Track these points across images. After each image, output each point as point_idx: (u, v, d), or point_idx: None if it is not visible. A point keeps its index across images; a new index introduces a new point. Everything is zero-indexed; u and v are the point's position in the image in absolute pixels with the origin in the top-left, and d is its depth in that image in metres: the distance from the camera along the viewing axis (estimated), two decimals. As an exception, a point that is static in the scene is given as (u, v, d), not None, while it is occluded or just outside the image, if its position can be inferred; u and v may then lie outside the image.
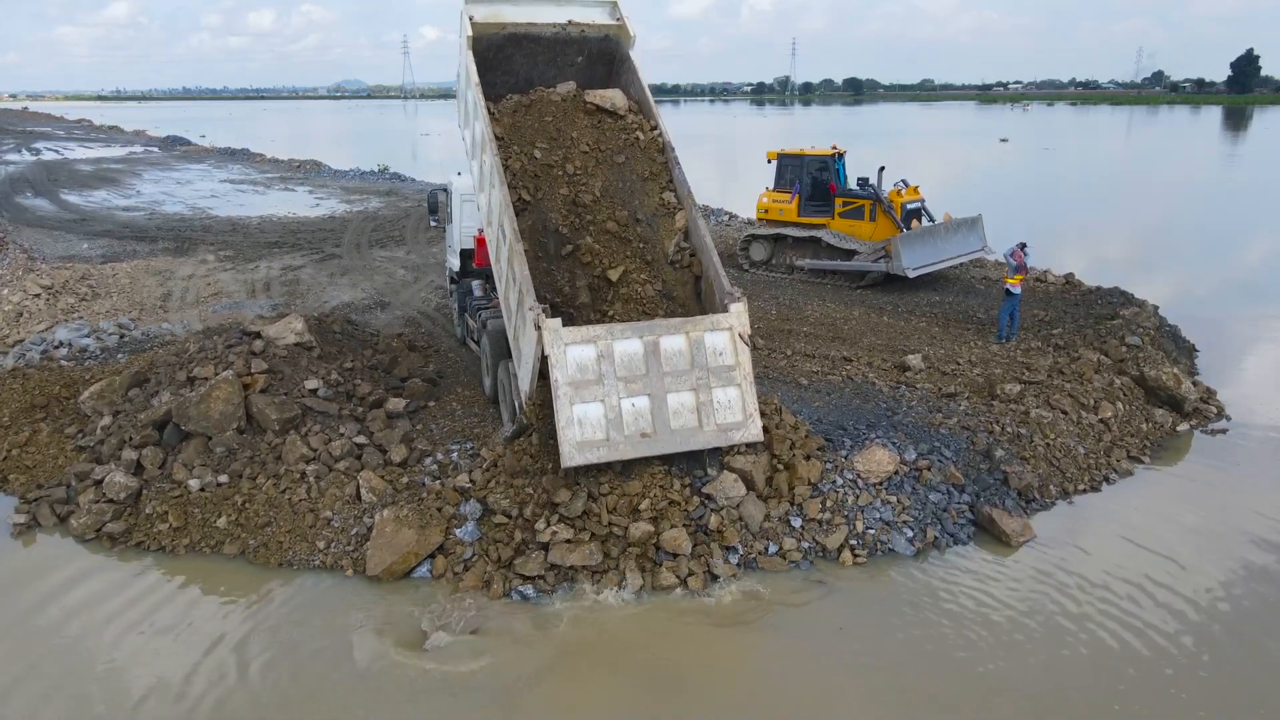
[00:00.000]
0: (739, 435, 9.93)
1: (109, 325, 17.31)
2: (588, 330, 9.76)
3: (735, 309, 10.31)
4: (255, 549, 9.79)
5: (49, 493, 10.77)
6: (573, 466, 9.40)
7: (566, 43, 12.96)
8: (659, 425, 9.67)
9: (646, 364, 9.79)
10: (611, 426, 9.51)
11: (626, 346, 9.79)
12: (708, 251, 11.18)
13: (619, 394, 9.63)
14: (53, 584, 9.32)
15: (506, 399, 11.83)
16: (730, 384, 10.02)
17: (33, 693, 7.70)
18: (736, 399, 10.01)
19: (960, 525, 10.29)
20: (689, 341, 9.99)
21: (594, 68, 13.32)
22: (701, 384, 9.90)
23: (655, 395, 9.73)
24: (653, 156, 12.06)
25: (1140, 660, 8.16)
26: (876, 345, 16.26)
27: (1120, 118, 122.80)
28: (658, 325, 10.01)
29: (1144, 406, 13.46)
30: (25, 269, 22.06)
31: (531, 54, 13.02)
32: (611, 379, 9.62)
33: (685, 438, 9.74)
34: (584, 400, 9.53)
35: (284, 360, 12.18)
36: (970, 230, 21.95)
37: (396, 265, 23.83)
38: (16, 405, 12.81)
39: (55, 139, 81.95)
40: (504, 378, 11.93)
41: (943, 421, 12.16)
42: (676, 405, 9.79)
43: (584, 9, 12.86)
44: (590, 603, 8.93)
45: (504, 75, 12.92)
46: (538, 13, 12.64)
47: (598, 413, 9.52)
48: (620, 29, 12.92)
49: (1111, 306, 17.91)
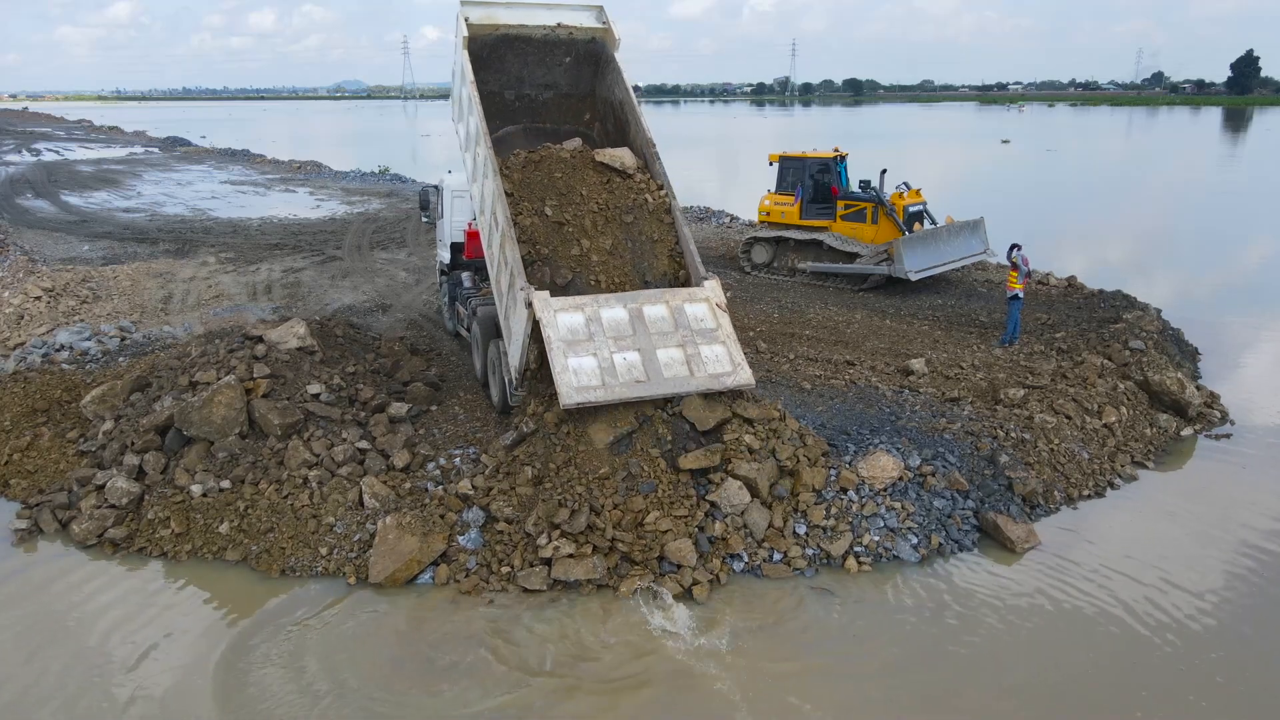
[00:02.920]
0: (731, 380, 10.49)
1: (110, 328, 17.29)
2: (575, 299, 10.62)
3: (709, 284, 11.21)
4: (257, 555, 9.75)
5: (51, 498, 10.74)
6: (571, 405, 9.87)
7: (555, 44, 13.74)
8: (651, 373, 10.27)
9: (633, 326, 10.56)
10: (605, 374, 10.11)
11: (612, 313, 10.60)
12: (685, 239, 12.03)
13: (610, 349, 10.28)
14: (56, 590, 9.29)
15: (497, 376, 12.59)
16: (715, 342, 10.73)
17: (36, 698, 7.67)
18: (724, 353, 10.66)
19: (965, 532, 10.26)
20: (670, 309, 10.83)
21: (580, 67, 14.15)
22: (688, 341, 10.62)
23: (645, 350, 10.40)
24: (660, 218, 12.31)
25: (1153, 665, 8.13)
26: (879, 349, 16.24)
27: (1120, 119, 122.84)
28: (639, 295, 10.89)
29: (1148, 411, 13.43)
30: (26, 271, 22.02)
31: (523, 54, 13.81)
32: (602, 337, 10.36)
33: (678, 384, 10.29)
34: (577, 354, 10.19)
35: (286, 365, 12.14)
36: (972, 233, 21.93)
37: (398, 267, 23.80)
38: (18, 409, 12.77)
39: (55, 140, 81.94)
40: (495, 356, 12.63)
41: (946, 426, 12.13)
42: (666, 358, 10.44)
43: (572, 13, 13.62)
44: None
45: (496, 73, 13.80)
46: (529, 15, 13.41)
47: (591, 364, 10.16)
48: (606, 32, 13.66)
49: (1114, 310, 17.88)
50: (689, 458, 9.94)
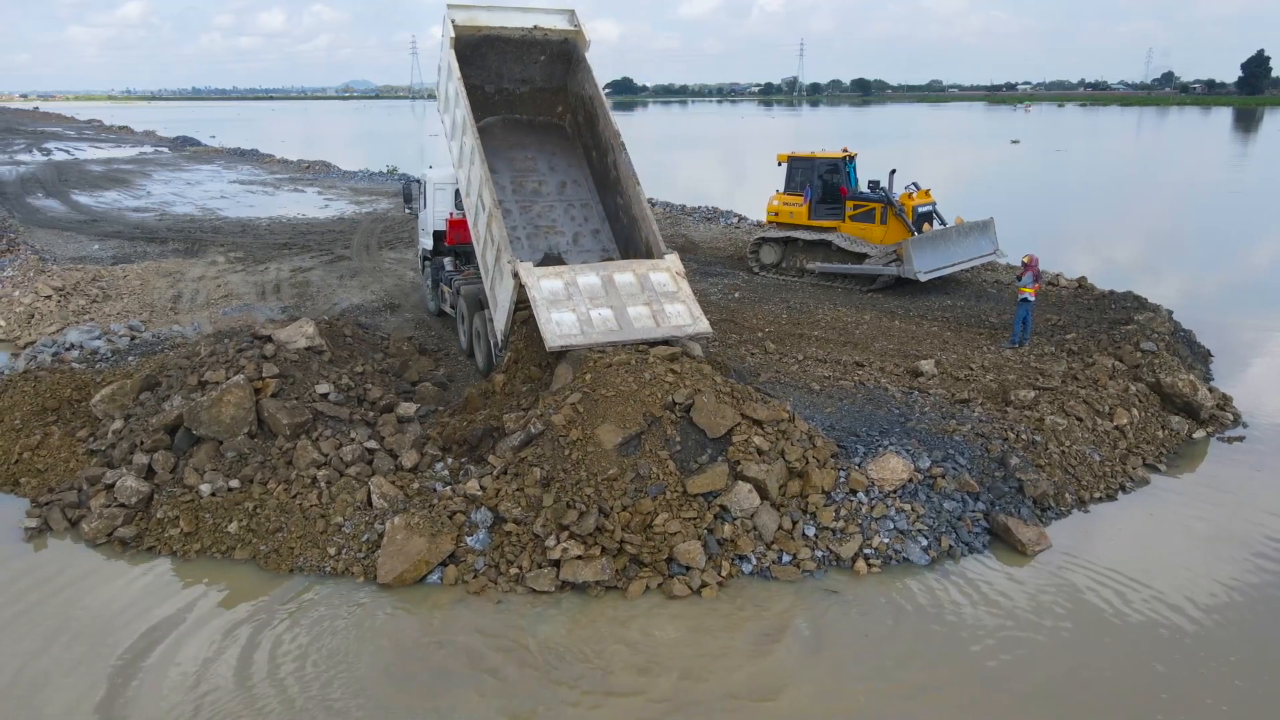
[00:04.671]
0: (691, 329, 12.07)
1: (120, 327, 17.33)
2: (554, 269, 12.36)
3: (669, 258, 12.88)
4: (266, 555, 9.75)
5: (60, 496, 10.76)
6: (555, 348, 11.36)
7: (532, 44, 15.35)
8: (623, 324, 11.81)
9: (605, 289, 12.14)
10: (584, 324, 11.64)
11: (587, 279, 12.14)
12: (648, 220, 13.68)
13: (586, 307, 11.84)
14: (64, 587, 9.30)
15: (482, 343, 14.53)
16: (677, 301, 12.32)
17: (44, 692, 7.68)
18: (684, 310, 12.26)
19: (975, 534, 10.20)
20: (636, 276, 12.43)
21: (554, 65, 15.90)
22: (653, 300, 12.19)
23: (616, 308, 11.97)
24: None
25: (1170, 669, 8.07)
26: (888, 350, 16.17)
27: (1130, 119, 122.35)
28: (609, 265, 12.63)
29: (1159, 413, 13.34)
30: (37, 270, 22.11)
31: (502, 52, 15.43)
32: (579, 297, 11.91)
33: (646, 332, 11.82)
34: (559, 310, 11.69)
35: (295, 364, 12.15)
36: (982, 234, 21.83)
37: (406, 267, 23.81)
38: (28, 408, 12.80)
39: (66, 139, 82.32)
40: (480, 326, 14.53)
41: (956, 428, 12.07)
42: (635, 314, 11.99)
43: (547, 16, 15.20)
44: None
45: (478, 69, 15.47)
46: (508, 18, 14.96)
47: (571, 318, 11.68)
48: (577, 34, 15.29)
49: (1125, 311, 17.78)
50: (696, 481, 9.87)
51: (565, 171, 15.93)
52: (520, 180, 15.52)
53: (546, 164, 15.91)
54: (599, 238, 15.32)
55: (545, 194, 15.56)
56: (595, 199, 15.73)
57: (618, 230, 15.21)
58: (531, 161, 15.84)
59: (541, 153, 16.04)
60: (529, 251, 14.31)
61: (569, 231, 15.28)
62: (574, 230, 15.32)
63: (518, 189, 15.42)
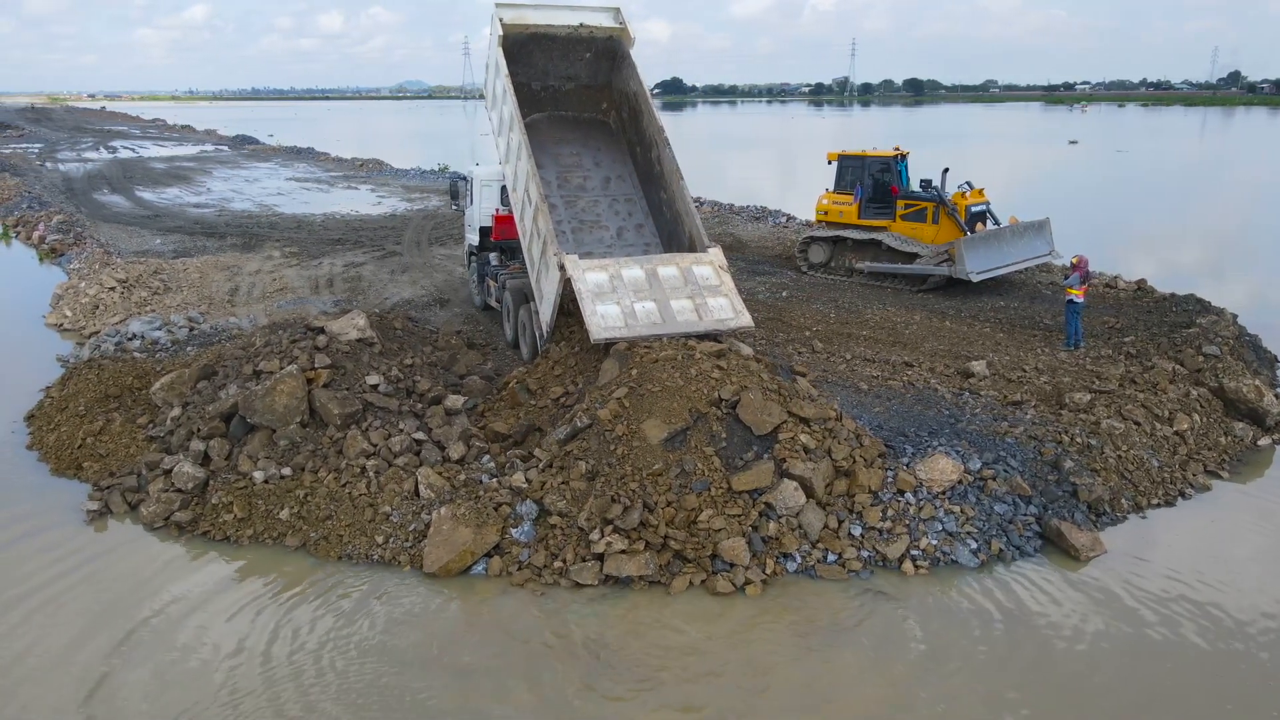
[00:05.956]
0: (733, 323, 12.13)
1: (179, 319, 17.80)
2: (599, 261, 12.51)
3: (713, 251, 12.94)
4: (316, 542, 9.93)
5: (121, 481, 11.09)
6: (600, 340, 11.53)
7: (577, 41, 15.53)
8: (666, 318, 11.90)
9: (649, 283, 12.24)
10: (628, 317, 11.79)
11: (631, 272, 12.27)
12: (691, 215, 13.92)
13: (630, 299, 11.97)
14: (123, 568, 9.58)
15: (527, 335, 14.78)
16: (720, 295, 12.36)
17: (99, 669, 7.91)
18: (727, 303, 12.30)
19: (1027, 538, 9.98)
20: (680, 269, 12.51)
21: (599, 62, 16.09)
22: (696, 294, 12.27)
23: (660, 301, 12.07)
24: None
25: (1237, 680, 7.81)
26: (938, 350, 15.91)
27: (1194, 119, 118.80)
28: (653, 258, 12.70)
29: (1222, 419, 12.92)
30: (102, 263, 22.81)
31: (548, 50, 15.63)
32: (623, 290, 12.06)
33: (689, 325, 11.90)
34: (603, 303, 11.83)
35: (346, 355, 12.35)
36: (1037, 234, 21.37)
37: (455, 263, 24.07)
38: (92, 395, 13.21)
39: (131, 138, 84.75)
40: (525, 318, 14.79)
41: (1008, 430, 11.82)
42: (678, 307, 12.08)
43: (593, 14, 15.37)
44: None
45: (525, 67, 15.67)
46: (555, 16, 15.19)
47: (615, 310, 11.82)
48: (622, 31, 15.41)
49: (1187, 314, 17.23)
50: (742, 478, 9.80)
51: (609, 167, 16.05)
52: (565, 175, 15.69)
53: (591, 159, 16.05)
54: (642, 232, 15.42)
55: (590, 189, 15.71)
56: (639, 194, 15.82)
57: (661, 225, 15.28)
58: (577, 157, 16.00)
59: (586, 148, 16.18)
60: (573, 246, 14.40)
61: (613, 226, 15.39)
62: (618, 225, 15.42)
63: (563, 184, 15.57)
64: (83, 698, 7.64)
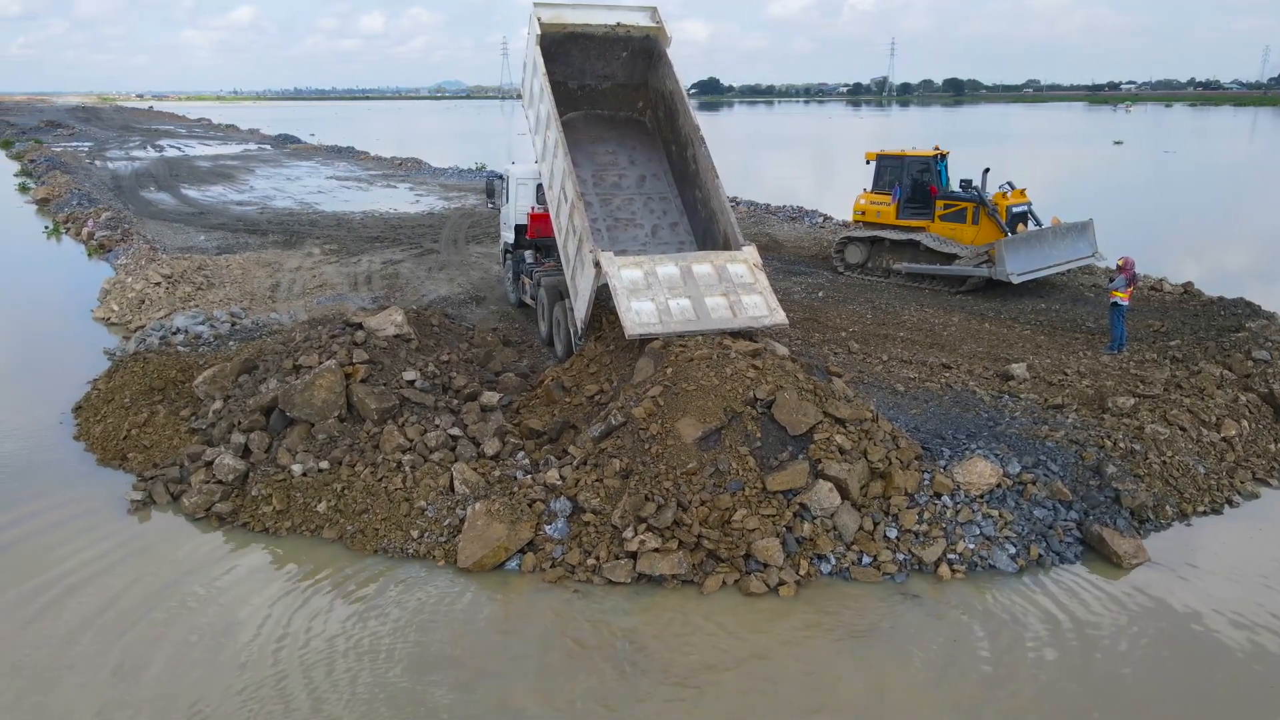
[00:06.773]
0: (767, 320, 12.16)
1: (222, 314, 18.11)
2: (634, 258, 12.56)
3: (747, 249, 12.98)
4: (352, 535, 10.05)
5: (164, 472, 11.31)
6: (635, 336, 11.59)
7: (614, 40, 15.59)
8: (700, 315, 11.92)
9: (684, 280, 12.27)
10: (662, 314, 11.83)
11: (666, 269, 12.32)
12: (726, 213, 13.96)
13: (665, 296, 12.01)
14: (164, 557, 9.77)
15: (561, 332, 14.98)
16: (754, 292, 12.37)
17: (140, 654, 8.07)
18: (761, 301, 12.31)
19: (1067, 544, 9.80)
20: (714, 267, 12.54)
21: (635, 61, 16.15)
22: (730, 291, 12.27)
23: (694, 298, 12.08)
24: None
25: (1269, 695, 7.60)
26: (977, 353, 15.69)
27: (1244, 119, 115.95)
28: (688, 255, 12.84)
29: (1272, 425, 12.59)
30: (148, 259, 23.28)
31: (585, 49, 15.73)
32: (658, 287, 12.10)
33: (723, 323, 11.91)
34: (638, 299, 11.89)
35: (384, 351, 12.48)
36: (1080, 235, 20.99)
37: (492, 261, 24.22)
38: (137, 387, 13.50)
39: (177, 137, 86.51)
40: (559, 316, 14.97)
41: (1049, 434, 11.62)
42: (713, 304, 12.09)
43: (629, 13, 15.43)
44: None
45: (562, 65, 15.75)
46: (592, 15, 15.31)
47: (650, 307, 11.87)
48: (659, 30, 15.46)
49: (1235, 318, 16.79)
50: (776, 478, 9.74)
51: (645, 165, 16.06)
52: (601, 174, 15.73)
53: (627, 158, 16.08)
54: (677, 230, 15.41)
55: (625, 187, 15.74)
56: (674, 192, 15.82)
57: (696, 223, 15.26)
58: (612, 155, 16.04)
59: (622, 147, 16.21)
60: (608, 243, 14.40)
61: (648, 224, 15.40)
62: (653, 223, 15.43)
63: (598, 182, 15.60)
64: (108, 674, 7.80)
